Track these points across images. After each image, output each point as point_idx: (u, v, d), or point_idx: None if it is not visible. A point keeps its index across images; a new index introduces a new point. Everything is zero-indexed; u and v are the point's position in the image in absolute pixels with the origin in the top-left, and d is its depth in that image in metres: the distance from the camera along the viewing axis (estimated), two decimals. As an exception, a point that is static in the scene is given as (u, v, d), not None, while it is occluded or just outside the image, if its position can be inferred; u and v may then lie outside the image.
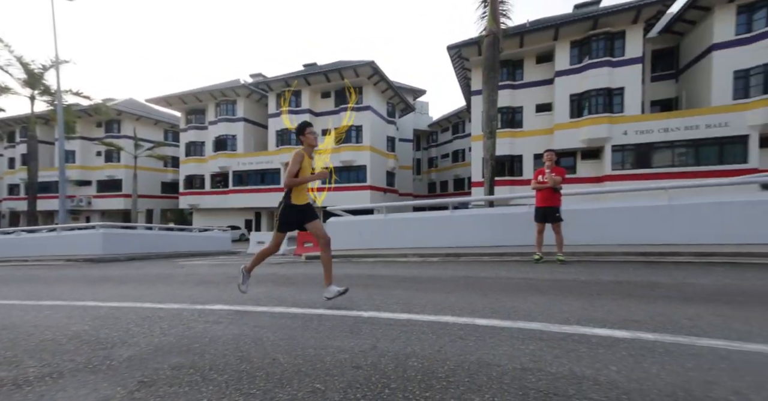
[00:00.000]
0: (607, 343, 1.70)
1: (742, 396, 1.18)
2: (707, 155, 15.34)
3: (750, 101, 14.09)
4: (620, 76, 16.87)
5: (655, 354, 1.56)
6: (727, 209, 4.85)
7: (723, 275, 3.20)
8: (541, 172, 4.61)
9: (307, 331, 1.95)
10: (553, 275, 3.59)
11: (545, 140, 19.78)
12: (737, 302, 2.33)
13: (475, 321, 2.10)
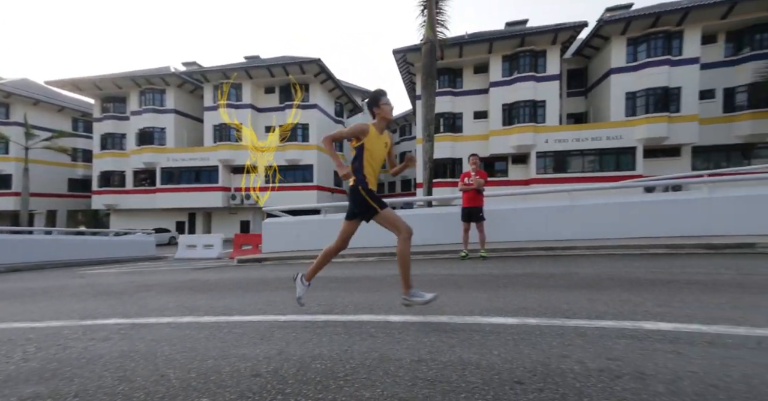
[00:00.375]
0: (498, 330, 1.90)
1: (583, 365, 1.42)
2: (608, 163, 18.08)
3: (636, 119, 16.95)
4: (543, 91, 19.01)
5: (533, 336, 1.79)
6: (615, 209, 5.77)
7: (604, 266, 3.81)
8: (467, 175, 4.98)
9: (213, 341, 1.84)
10: (473, 270, 3.91)
11: (482, 144, 21.39)
12: (605, 287, 2.79)
13: (389, 317, 2.19)
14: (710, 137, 16.74)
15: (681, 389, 1.23)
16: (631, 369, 1.39)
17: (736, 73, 16.45)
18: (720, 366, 1.38)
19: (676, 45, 16.43)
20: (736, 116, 16.43)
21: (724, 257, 3.93)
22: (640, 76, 16.93)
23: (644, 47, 16.73)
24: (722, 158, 17.11)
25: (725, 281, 2.81)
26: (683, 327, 1.81)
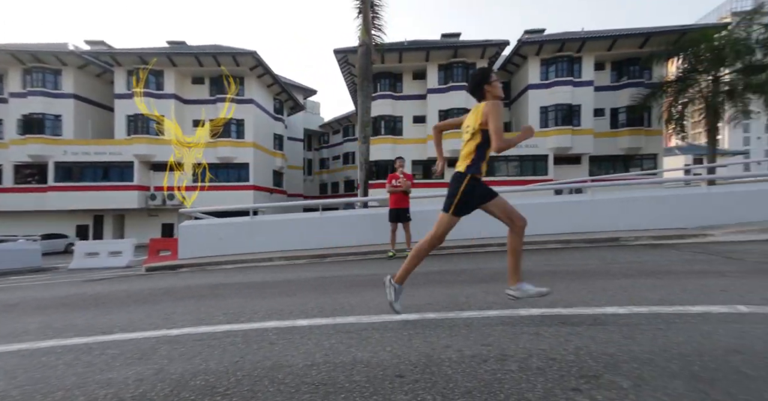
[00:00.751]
0: (398, 327, 2.00)
1: (461, 353, 1.56)
2: (527, 168, 20.40)
3: (548, 130, 19.47)
4: (473, 100, 20.60)
5: (427, 329, 1.92)
6: (527, 209, 6.52)
7: (502, 261, 4.26)
8: (394, 177, 5.16)
9: (74, 367, 1.59)
10: (396, 269, 4.06)
11: (421, 147, 22.41)
12: (501, 280, 3.12)
13: (296, 322, 2.15)
14: (602, 148, 20.02)
15: (528, 365, 1.43)
16: (497, 352, 1.57)
17: (618, 96, 19.98)
18: (562, 342, 1.64)
19: (577, 68, 19.32)
20: (619, 131, 19.96)
21: (598, 249, 4.72)
22: (551, 93, 19.49)
23: (554, 68, 19.32)
24: (610, 166, 20.59)
25: (591, 270, 3.38)
26: (548, 311, 2.11)
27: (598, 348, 1.57)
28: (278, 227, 6.25)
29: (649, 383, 1.27)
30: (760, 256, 3.55)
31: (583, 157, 20.44)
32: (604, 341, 1.66)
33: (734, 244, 4.45)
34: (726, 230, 5.29)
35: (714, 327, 1.79)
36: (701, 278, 2.83)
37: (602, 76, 20.46)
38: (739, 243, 4.47)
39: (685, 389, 1.22)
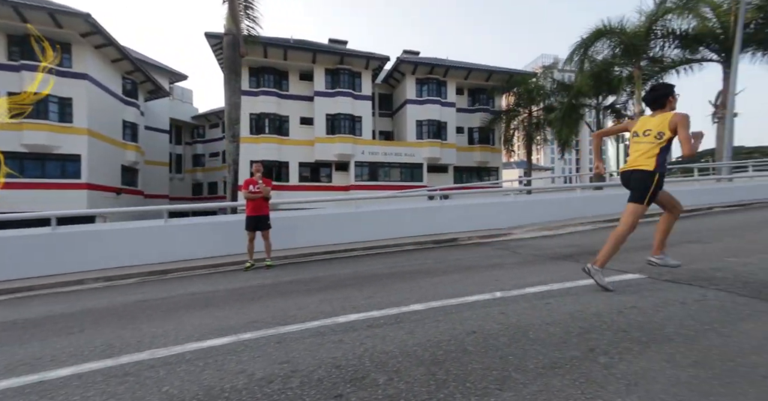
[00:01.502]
0: (196, 357, 1.84)
1: (251, 376, 1.54)
2: (406, 175, 22.63)
3: (423, 142, 22.19)
4: (359, 107, 21.62)
5: (229, 355, 1.83)
6: (391, 214, 7.16)
7: (364, 265, 4.59)
8: (252, 182, 4.85)
9: None
10: (245, 282, 3.81)
11: (308, 150, 21.94)
12: (344, 285, 3.33)
13: (53, 373, 1.72)
14: (463, 160, 24.10)
15: (311, 378, 1.52)
16: (289, 370, 1.62)
17: (473, 118, 24.55)
18: (357, 346, 1.83)
19: (444, 91, 22.76)
20: (474, 147, 24.51)
21: (439, 250, 5.61)
22: (425, 109, 22.28)
23: (426, 88, 22.18)
24: (469, 176, 24.99)
25: (423, 269, 3.97)
26: (362, 316, 2.34)
27: (382, 348, 1.82)
28: (100, 238, 4.96)
29: (400, 374, 1.53)
30: (531, 249, 4.90)
31: (450, 167, 24.09)
32: (390, 339, 1.93)
33: (524, 240, 6.02)
34: (523, 229, 7.12)
35: (473, 313, 2.34)
36: (490, 271, 3.69)
37: (462, 99, 24.68)
38: (527, 239, 6.09)
39: (422, 373, 1.53)
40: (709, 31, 10.67)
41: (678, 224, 6.26)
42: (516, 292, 2.76)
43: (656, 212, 3.27)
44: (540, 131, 19.87)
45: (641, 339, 1.77)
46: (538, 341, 1.82)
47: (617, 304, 2.33)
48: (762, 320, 1.93)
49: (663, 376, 1.42)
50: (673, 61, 12.31)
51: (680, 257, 3.63)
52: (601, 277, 2.60)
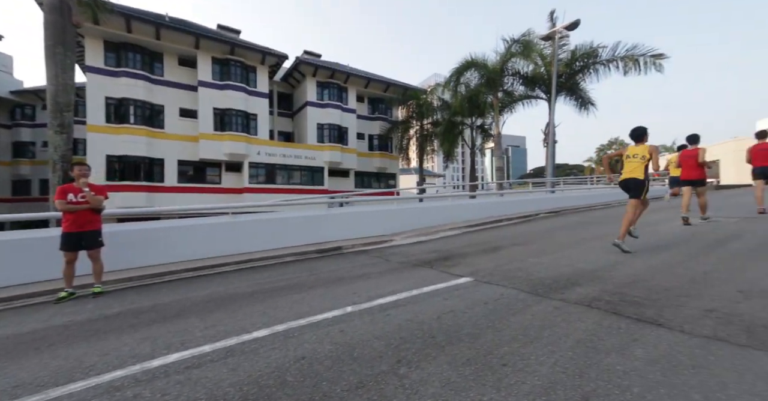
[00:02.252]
0: None
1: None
2: (308, 178, 22.00)
3: (324, 145, 22.01)
4: (254, 104, 19.97)
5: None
6: (272, 224, 6.78)
7: (227, 282, 4.18)
8: (71, 190, 3.87)
9: None
10: (47, 321, 2.98)
11: (191, 146, 19.06)
12: (189, 313, 2.96)
13: None
14: (363, 165, 24.91)
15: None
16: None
17: (373, 126, 25.72)
18: (156, 399, 1.60)
19: (345, 96, 23.13)
20: (374, 153, 25.67)
21: (321, 259, 5.59)
22: (326, 113, 22.15)
23: (327, 92, 22.12)
24: (370, 181, 25.99)
25: (293, 283, 3.88)
26: (183, 355, 2.09)
27: (187, 396, 1.65)
28: None
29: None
30: (401, 256, 5.38)
31: (351, 171, 24.54)
32: (204, 382, 1.77)
33: (400, 246, 6.57)
34: (404, 235, 7.78)
35: (314, 334, 2.37)
36: (356, 282, 3.86)
37: (362, 107, 25.53)
38: (403, 245, 6.67)
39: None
40: (540, 75, 14.08)
41: (511, 229, 7.80)
42: (366, 305, 2.95)
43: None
44: (430, 143, 22.23)
45: (441, 344, 2.10)
46: (359, 359, 1.96)
47: (440, 309, 2.73)
48: (527, 312, 2.55)
49: (439, 379, 1.71)
50: (519, 96, 15.79)
51: (505, 259, 4.57)
52: (624, 246, 4.18)
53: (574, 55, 14.01)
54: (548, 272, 3.68)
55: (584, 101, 15.11)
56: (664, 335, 2.01)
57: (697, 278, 3.02)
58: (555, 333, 2.14)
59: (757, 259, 3.53)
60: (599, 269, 3.57)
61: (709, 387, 1.50)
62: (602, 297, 2.73)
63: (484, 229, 8.24)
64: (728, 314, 2.22)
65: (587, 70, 13.96)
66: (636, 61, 12.52)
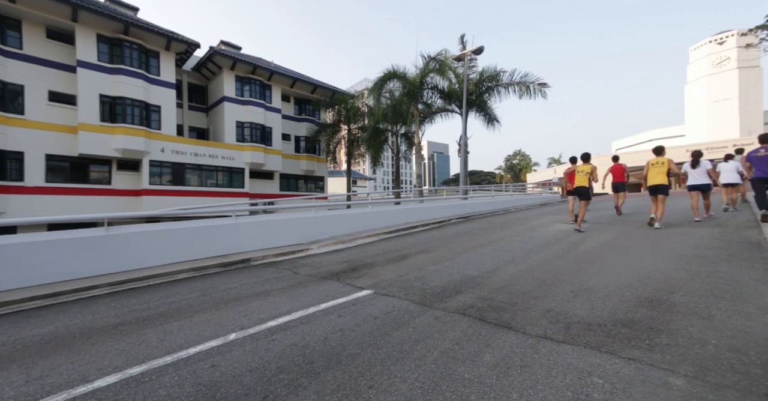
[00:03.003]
0: None
1: None
2: (226, 180, 20.03)
3: (245, 145, 20.37)
4: (157, 95, 17.38)
5: None
6: (166, 235, 5.94)
7: (91, 312, 3.49)
8: None
9: None
10: None
11: (68, 138, 15.66)
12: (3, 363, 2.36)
13: None
14: (289, 167, 23.82)
15: None
16: None
17: (299, 127, 24.82)
18: None
19: (268, 95, 21.81)
20: (300, 155, 24.77)
21: (223, 275, 5.09)
22: (246, 111, 20.54)
23: (248, 88, 20.54)
24: (295, 184, 24.97)
25: (177, 308, 3.43)
26: None
27: None
28: None
29: None
30: (311, 268, 5.26)
31: (275, 173, 23.21)
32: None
33: (314, 256, 6.43)
34: (321, 243, 7.65)
35: (175, 375, 2.12)
36: (251, 301, 3.61)
37: (288, 107, 24.44)
38: (318, 255, 6.55)
39: None
40: (455, 91, 15.55)
41: (424, 235, 8.30)
42: (253, 330, 2.78)
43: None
44: (358, 147, 22.43)
45: (318, 370, 2.09)
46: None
47: (330, 328, 2.73)
48: (409, 326, 2.71)
49: (300, 412, 1.69)
50: (438, 108, 17.18)
51: (408, 267, 4.81)
52: (582, 229, 6.55)
53: (482, 77, 15.81)
54: (441, 279, 4.01)
55: (491, 117, 17.12)
56: (511, 338, 2.36)
57: (548, 280, 3.64)
58: (426, 345, 2.32)
59: (593, 261, 4.43)
60: (481, 276, 4.04)
61: (526, 385, 1.80)
62: (476, 304, 3.07)
63: (400, 236, 8.62)
64: (558, 313, 2.73)
65: (492, 90, 15.90)
66: (527, 87, 14.78)
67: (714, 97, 34.72)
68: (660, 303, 2.77)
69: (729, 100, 33.88)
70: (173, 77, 18.05)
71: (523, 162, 63.45)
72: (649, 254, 4.43)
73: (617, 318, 2.53)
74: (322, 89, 24.15)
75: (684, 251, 4.45)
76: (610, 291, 3.14)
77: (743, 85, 32.89)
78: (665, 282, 3.29)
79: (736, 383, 1.67)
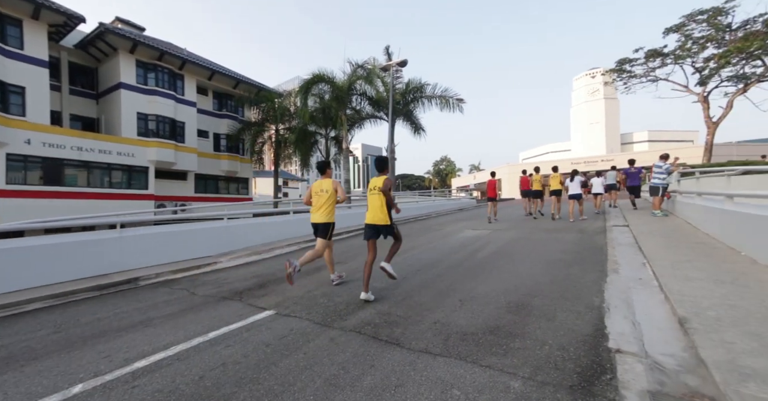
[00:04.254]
0: None
1: None
2: (123, 180, 17.05)
3: (149, 140, 17.69)
4: (20, 72, 13.94)
5: None
6: (30, 252, 4.77)
7: None
8: None
9: None
10: None
11: None
12: None
13: None
14: (206, 167, 21.47)
15: None
16: None
17: (220, 124, 22.62)
18: None
19: (180, 85, 19.34)
20: (221, 155, 22.55)
21: (93, 301, 4.26)
22: (152, 102, 17.86)
23: (154, 75, 17.89)
24: (215, 186, 22.62)
25: (14, 353, 2.73)
26: None
27: None
28: None
29: None
30: (213, 286, 4.79)
31: (189, 174, 20.68)
32: None
33: (221, 271, 5.88)
34: (233, 255, 7.03)
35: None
36: (120, 336, 3.09)
37: (206, 101, 22.05)
38: (226, 269, 6.00)
39: None
40: (383, 99, 16.05)
41: (345, 243, 8.28)
42: (111, 375, 2.38)
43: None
44: (286, 148, 21.37)
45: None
46: None
47: (211, 364, 2.48)
48: (301, 351, 2.64)
49: None
50: (367, 114, 17.48)
51: (319, 281, 4.54)
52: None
53: (408, 87, 16.64)
54: (348, 294, 4.04)
55: (417, 126, 18.10)
56: (396, 356, 2.48)
57: (444, 290, 3.97)
58: (312, 373, 2.28)
59: (485, 268, 4.98)
60: (387, 288, 4.19)
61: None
62: (374, 320, 3.16)
63: (322, 244, 8.46)
64: (444, 324, 2.98)
65: (417, 101, 16.85)
66: (447, 101, 16.09)
67: (589, 120, 43.01)
68: (523, 307, 3.25)
69: (599, 123, 42.33)
70: (45, 53, 14.68)
71: (449, 167, 68.70)
72: (528, 261, 5.18)
73: (488, 326, 2.87)
74: (246, 85, 22.40)
75: (553, 257, 5.32)
76: (490, 298, 3.56)
77: (607, 112, 41.56)
78: (532, 287, 3.87)
79: (554, 379, 2.04)
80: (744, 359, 1.97)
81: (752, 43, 12.25)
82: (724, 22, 13.61)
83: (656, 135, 41.40)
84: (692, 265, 3.96)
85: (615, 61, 17.23)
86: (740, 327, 2.36)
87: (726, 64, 13.28)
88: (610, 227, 7.51)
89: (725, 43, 13.71)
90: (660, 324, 2.68)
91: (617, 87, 17.80)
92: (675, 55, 14.79)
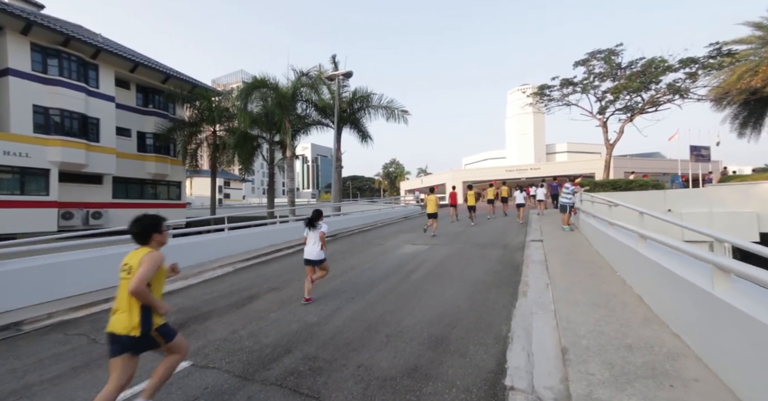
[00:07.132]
0: None
1: None
2: (8, 184, 14.25)
3: (50, 138, 15.07)
4: None
5: None
6: None
7: None
8: None
9: None
10: None
11: None
12: None
13: None
14: (128, 170, 18.99)
15: None
16: None
17: (145, 121, 20.18)
18: None
19: (93, 76, 16.82)
20: (147, 156, 20.11)
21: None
22: (54, 93, 15.23)
23: (57, 63, 15.27)
24: (139, 190, 20.11)
25: None
26: None
27: None
28: None
29: None
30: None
31: (105, 177, 18.10)
32: None
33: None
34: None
35: None
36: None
37: (128, 95, 19.51)
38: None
39: None
40: (330, 106, 15.88)
41: (283, 261, 8.08)
42: None
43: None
44: (226, 151, 19.89)
45: None
46: None
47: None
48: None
49: None
50: (313, 121, 17.13)
51: (247, 317, 4.02)
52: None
53: (354, 96, 16.70)
54: (277, 332, 3.92)
55: (364, 134, 18.23)
56: (313, 411, 2.50)
57: (374, 323, 4.09)
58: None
59: (416, 294, 5.22)
60: (318, 323, 4.17)
61: None
62: (298, 368, 3.12)
63: (260, 263, 8.09)
64: (367, 367, 3.07)
65: (364, 110, 16.99)
66: (393, 111, 16.54)
67: (521, 131, 47.76)
68: (442, 341, 3.51)
69: (528, 135, 47.26)
70: None
71: (398, 170, 70.44)
72: (456, 282, 5.58)
73: (408, 367, 3.04)
74: (177, 80, 20.31)
75: (476, 277, 5.82)
76: (415, 333, 3.76)
77: (536, 125, 46.67)
78: (454, 315, 4.19)
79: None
80: (598, 391, 2.39)
81: (633, 82, 14.92)
82: (616, 61, 16.29)
83: (574, 147, 47.51)
84: (581, 287, 4.66)
85: (537, 87, 19.66)
86: (601, 355, 2.86)
87: (617, 97, 15.92)
88: (528, 243, 8.43)
89: (618, 77, 16.37)
90: (549, 353, 3.12)
91: (539, 109, 20.11)
92: (582, 86, 17.17)
